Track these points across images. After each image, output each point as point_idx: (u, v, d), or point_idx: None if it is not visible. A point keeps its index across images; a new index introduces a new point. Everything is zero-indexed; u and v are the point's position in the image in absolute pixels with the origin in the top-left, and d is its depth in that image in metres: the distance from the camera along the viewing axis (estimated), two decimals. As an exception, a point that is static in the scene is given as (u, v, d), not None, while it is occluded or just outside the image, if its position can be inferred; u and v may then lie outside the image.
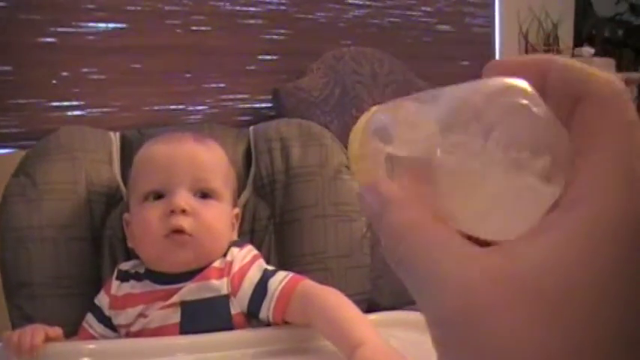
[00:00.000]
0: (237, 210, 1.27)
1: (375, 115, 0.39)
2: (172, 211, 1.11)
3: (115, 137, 1.39)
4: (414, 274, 0.30)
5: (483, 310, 0.27)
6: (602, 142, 0.29)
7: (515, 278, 0.27)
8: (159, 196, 1.15)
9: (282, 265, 1.22)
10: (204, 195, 1.16)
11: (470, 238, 0.31)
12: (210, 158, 1.21)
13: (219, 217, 1.17)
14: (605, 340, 0.26)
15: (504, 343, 0.26)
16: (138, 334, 1.11)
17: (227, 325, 1.09)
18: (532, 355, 0.26)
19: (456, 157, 0.29)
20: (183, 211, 1.11)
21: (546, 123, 0.29)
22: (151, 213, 1.13)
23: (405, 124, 0.35)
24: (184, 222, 1.11)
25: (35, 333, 1.01)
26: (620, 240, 0.26)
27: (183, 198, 1.12)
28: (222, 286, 1.11)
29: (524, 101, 0.29)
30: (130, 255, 1.26)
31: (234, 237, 1.23)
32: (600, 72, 0.30)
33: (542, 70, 0.31)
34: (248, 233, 1.34)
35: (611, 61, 3.45)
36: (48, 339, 1.02)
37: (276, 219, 1.34)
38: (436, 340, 0.30)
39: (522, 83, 0.30)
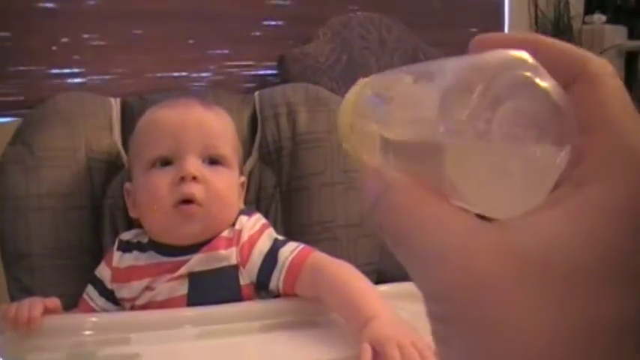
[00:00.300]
0: (243, 178, 1.24)
1: (366, 90, 0.37)
2: (182, 178, 1.08)
3: (115, 103, 1.35)
4: (413, 248, 0.30)
5: (488, 285, 0.26)
6: (608, 120, 0.29)
7: (525, 253, 0.26)
8: (166, 162, 1.11)
9: (289, 235, 1.19)
10: (214, 162, 1.13)
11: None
12: (219, 124, 1.18)
13: (229, 184, 1.14)
14: (613, 318, 0.25)
15: (511, 320, 0.25)
16: (144, 307, 1.08)
17: (236, 296, 1.07)
18: (543, 332, 0.25)
19: (460, 135, 0.28)
20: (194, 178, 1.08)
21: (553, 95, 0.28)
22: (160, 180, 1.09)
23: (401, 101, 0.34)
24: (195, 189, 1.08)
25: (33, 306, 0.98)
26: (632, 217, 0.26)
27: (194, 164, 1.09)
28: (230, 255, 1.08)
29: (529, 73, 0.28)
30: (131, 224, 1.22)
31: (241, 206, 1.20)
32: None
33: (531, 48, 0.30)
34: (253, 202, 1.30)
35: (622, 29, 3.40)
36: (46, 311, 0.99)
37: (283, 187, 1.31)
38: (434, 316, 0.29)
39: (525, 55, 0.29)
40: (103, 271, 1.14)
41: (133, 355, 0.92)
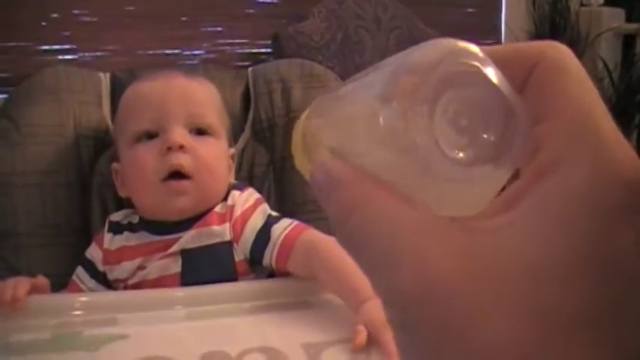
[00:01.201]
0: (232, 150, 1.21)
1: (316, 103, 0.35)
2: (169, 149, 1.05)
3: (104, 78, 1.32)
4: (366, 249, 0.27)
5: (445, 288, 0.24)
6: (567, 103, 0.27)
7: (483, 253, 0.25)
8: (151, 136, 1.08)
9: (282, 214, 1.16)
10: (200, 132, 1.10)
11: None
12: (204, 93, 1.15)
13: (218, 154, 1.11)
14: (577, 312, 0.23)
15: (469, 326, 0.24)
16: (136, 286, 1.06)
17: (230, 273, 1.05)
18: (502, 334, 0.23)
19: (399, 133, 0.25)
20: (181, 147, 1.05)
21: (500, 87, 0.26)
22: (146, 153, 1.06)
23: (342, 104, 0.32)
24: (183, 160, 1.05)
25: (18, 285, 0.94)
26: (600, 202, 0.24)
27: (180, 134, 1.06)
28: (224, 232, 1.06)
29: (476, 63, 0.26)
30: (121, 204, 1.19)
31: (232, 179, 1.17)
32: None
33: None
34: (246, 180, 1.28)
35: (620, 12, 3.37)
36: (33, 291, 0.95)
37: (276, 165, 1.29)
38: (392, 322, 0.27)
39: (472, 46, 0.27)
40: (93, 253, 1.11)
41: (121, 335, 0.89)
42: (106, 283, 1.10)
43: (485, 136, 0.26)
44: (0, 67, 1.97)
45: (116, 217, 1.14)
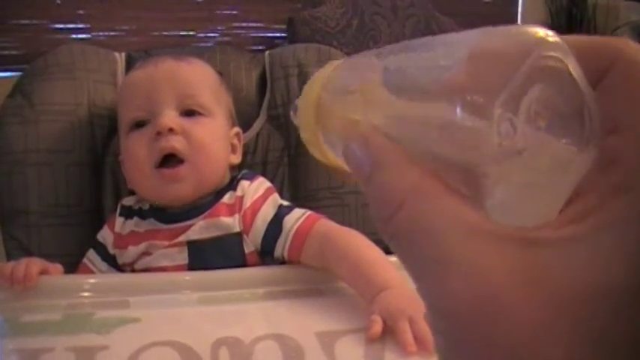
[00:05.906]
0: (236, 129, 1.18)
1: (338, 72, 0.31)
2: (158, 133, 1.03)
3: (120, 57, 1.30)
4: (414, 251, 0.25)
5: (498, 304, 0.23)
6: None
7: (543, 270, 0.23)
8: (145, 124, 1.07)
9: (295, 200, 1.16)
10: (193, 113, 1.08)
11: None
12: (194, 73, 1.13)
13: (213, 134, 1.09)
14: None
15: (521, 347, 0.22)
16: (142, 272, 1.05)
17: (240, 265, 1.04)
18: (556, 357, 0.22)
19: (473, 126, 0.23)
20: (171, 130, 1.03)
21: (579, 83, 0.24)
22: (137, 141, 1.06)
23: (396, 81, 0.28)
24: (174, 142, 1.03)
25: (30, 264, 0.94)
26: None
27: (169, 117, 1.04)
28: (233, 223, 1.04)
29: (562, 58, 0.24)
30: (133, 186, 1.19)
31: (236, 160, 1.16)
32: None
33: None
34: (260, 165, 1.27)
35: (638, 6, 3.34)
36: (45, 272, 0.95)
37: (291, 150, 1.27)
38: (434, 327, 0.25)
39: (556, 37, 0.24)
40: (105, 235, 1.11)
41: (132, 319, 0.88)
42: (117, 266, 1.09)
43: (561, 140, 0.24)
44: (13, 44, 1.97)
45: (128, 201, 1.14)
